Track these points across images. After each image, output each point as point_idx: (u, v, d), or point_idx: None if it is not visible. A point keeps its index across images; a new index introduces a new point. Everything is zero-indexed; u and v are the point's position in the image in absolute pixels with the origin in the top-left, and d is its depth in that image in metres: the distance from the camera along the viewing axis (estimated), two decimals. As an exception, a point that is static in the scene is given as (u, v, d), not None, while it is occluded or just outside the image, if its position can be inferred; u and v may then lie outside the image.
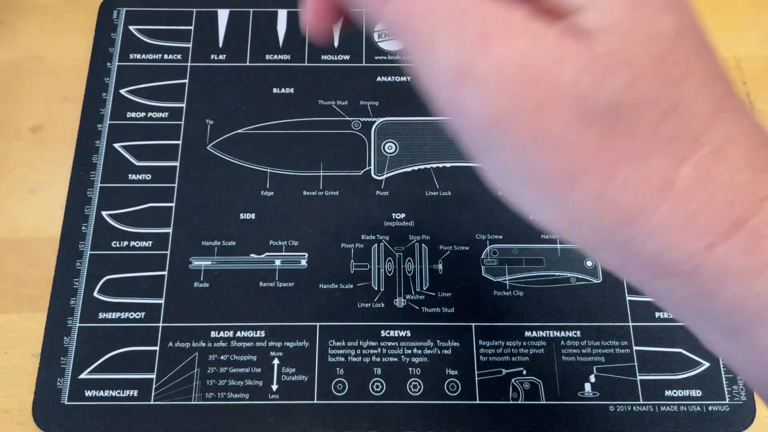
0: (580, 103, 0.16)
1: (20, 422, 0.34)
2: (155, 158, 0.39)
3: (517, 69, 0.16)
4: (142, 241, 0.37)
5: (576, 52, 0.16)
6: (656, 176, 0.17)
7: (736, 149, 0.17)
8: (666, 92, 0.16)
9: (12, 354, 0.35)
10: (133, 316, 0.36)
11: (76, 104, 0.41)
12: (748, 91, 0.42)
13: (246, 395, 0.34)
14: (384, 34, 0.43)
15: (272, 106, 0.41)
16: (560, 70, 0.16)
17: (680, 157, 0.17)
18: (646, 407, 0.34)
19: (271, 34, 0.43)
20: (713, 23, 0.44)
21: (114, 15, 0.43)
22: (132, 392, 0.34)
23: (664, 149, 0.17)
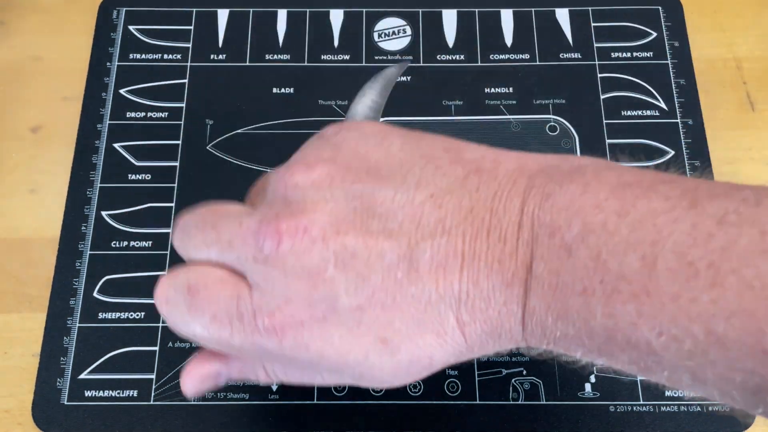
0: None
1: (20, 422, 0.34)
2: (155, 158, 0.39)
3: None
4: (142, 241, 0.37)
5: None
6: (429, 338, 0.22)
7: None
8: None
9: (12, 354, 0.35)
10: (133, 316, 0.36)
11: (76, 104, 0.41)
12: (748, 91, 0.42)
13: (246, 395, 0.34)
14: (384, 34, 0.43)
15: (272, 106, 0.41)
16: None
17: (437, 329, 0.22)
18: (647, 407, 0.34)
19: (271, 34, 0.43)
20: (713, 23, 0.44)
21: (114, 15, 0.43)
22: (132, 392, 0.34)
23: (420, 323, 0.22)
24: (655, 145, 0.40)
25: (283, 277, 0.22)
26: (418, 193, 0.22)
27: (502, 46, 0.42)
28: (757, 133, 0.41)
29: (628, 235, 0.19)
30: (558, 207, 0.21)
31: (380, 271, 0.21)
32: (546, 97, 0.41)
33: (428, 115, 0.41)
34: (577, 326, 0.20)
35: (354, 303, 0.21)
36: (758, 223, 0.18)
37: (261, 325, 0.22)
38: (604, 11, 0.43)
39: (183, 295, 0.23)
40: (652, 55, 0.42)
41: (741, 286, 0.18)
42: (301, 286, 0.22)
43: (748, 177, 0.39)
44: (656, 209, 0.20)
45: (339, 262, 0.21)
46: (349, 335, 0.22)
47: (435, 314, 0.22)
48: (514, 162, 0.23)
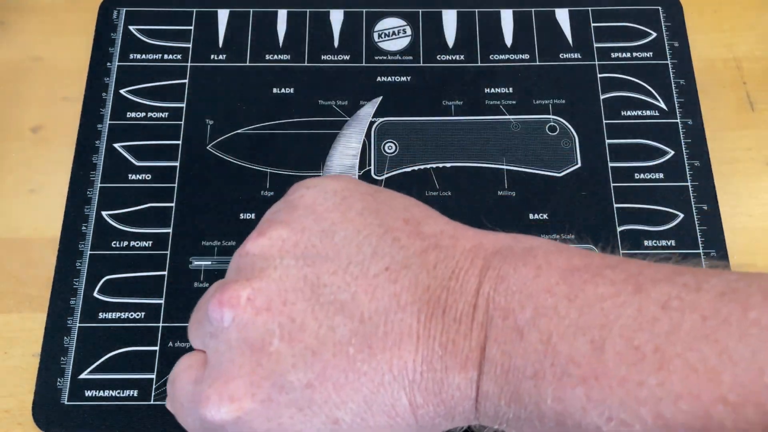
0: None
1: (20, 422, 0.34)
2: (155, 158, 0.39)
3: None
4: (142, 241, 0.37)
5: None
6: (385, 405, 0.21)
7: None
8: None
9: (12, 354, 0.35)
10: (133, 316, 0.36)
11: (76, 104, 0.41)
12: (747, 91, 0.42)
13: (246, 395, 0.34)
14: (384, 34, 0.43)
15: (272, 106, 0.41)
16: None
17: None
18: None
19: (271, 34, 0.43)
20: (713, 23, 0.44)
21: (114, 15, 0.43)
22: (132, 392, 0.34)
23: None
24: (654, 145, 0.40)
25: (228, 351, 0.21)
26: (373, 264, 0.22)
27: (502, 46, 0.42)
28: (757, 133, 0.41)
29: (578, 318, 0.20)
30: (512, 290, 0.21)
31: (331, 346, 0.21)
32: (546, 97, 0.41)
33: (428, 115, 0.41)
34: (529, 409, 0.20)
35: (304, 380, 0.20)
36: (699, 308, 0.19)
37: (205, 397, 0.21)
38: (604, 11, 0.43)
39: (169, 384, 0.24)
40: (652, 55, 0.42)
41: (686, 370, 0.18)
42: (245, 362, 0.21)
43: (748, 177, 0.39)
44: (603, 294, 0.20)
45: (285, 335, 0.20)
46: (299, 415, 0.21)
47: (388, 395, 0.21)
48: (471, 240, 0.23)
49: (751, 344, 0.18)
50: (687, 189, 0.39)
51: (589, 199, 0.38)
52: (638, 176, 0.39)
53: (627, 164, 0.39)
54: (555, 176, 0.39)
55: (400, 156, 0.40)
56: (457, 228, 0.24)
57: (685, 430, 0.18)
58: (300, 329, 0.20)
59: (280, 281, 0.21)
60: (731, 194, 0.39)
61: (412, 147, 0.40)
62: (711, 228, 0.37)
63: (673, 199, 0.38)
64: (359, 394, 0.21)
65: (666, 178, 0.39)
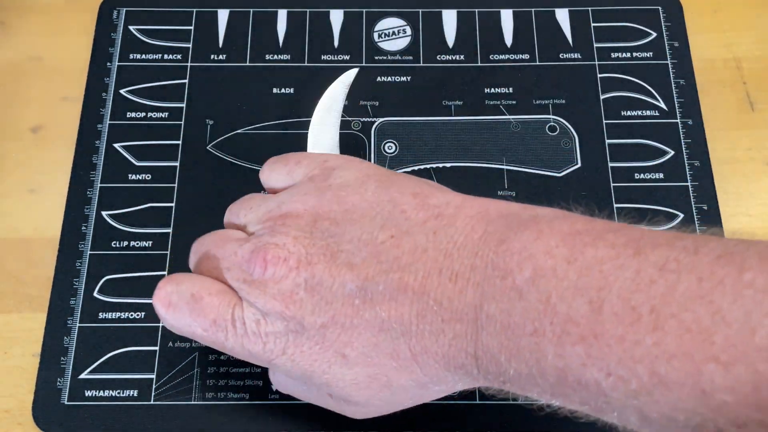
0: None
1: (20, 422, 0.34)
2: (155, 158, 0.39)
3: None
4: (142, 241, 0.37)
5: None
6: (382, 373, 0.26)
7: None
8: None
9: (12, 354, 0.35)
10: (133, 316, 0.36)
11: (76, 104, 0.41)
12: (747, 91, 0.42)
13: (246, 395, 0.34)
14: (384, 34, 0.43)
15: (272, 106, 0.41)
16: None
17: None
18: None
19: (271, 34, 0.43)
20: (713, 23, 0.44)
21: (114, 15, 0.43)
22: (132, 392, 0.34)
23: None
24: (654, 145, 0.40)
25: (263, 296, 0.26)
26: (381, 233, 0.25)
27: (502, 46, 0.42)
28: (757, 133, 0.41)
29: (577, 280, 0.21)
30: (511, 251, 0.23)
31: (341, 298, 0.25)
32: (546, 97, 0.41)
33: (428, 115, 0.41)
34: (530, 365, 0.22)
35: (318, 322, 0.25)
36: (696, 270, 0.20)
37: (250, 331, 0.26)
38: (604, 11, 0.43)
39: (186, 301, 0.27)
40: (652, 56, 0.42)
41: (680, 330, 0.19)
42: (277, 305, 0.25)
43: (748, 177, 0.40)
44: (602, 257, 0.21)
45: (308, 288, 0.25)
46: (315, 347, 0.25)
47: (388, 339, 0.25)
48: (476, 208, 0.25)
49: (744, 305, 0.18)
50: (687, 189, 0.39)
51: (589, 199, 0.38)
52: (638, 176, 0.39)
53: (627, 164, 0.39)
54: (555, 176, 0.39)
55: (400, 156, 0.40)
56: (465, 199, 0.26)
57: (678, 387, 0.19)
58: (319, 284, 0.25)
59: (308, 247, 0.26)
60: (731, 194, 0.39)
61: (412, 147, 0.40)
62: (711, 228, 0.37)
63: (673, 199, 0.38)
64: (363, 336, 0.25)
65: (666, 178, 0.39)
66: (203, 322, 0.27)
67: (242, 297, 0.27)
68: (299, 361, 0.26)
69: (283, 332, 0.26)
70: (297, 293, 0.25)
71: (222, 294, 0.27)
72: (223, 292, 0.27)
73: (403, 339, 0.24)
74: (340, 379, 0.26)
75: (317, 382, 0.26)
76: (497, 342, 0.22)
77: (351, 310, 0.25)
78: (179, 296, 0.27)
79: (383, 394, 0.26)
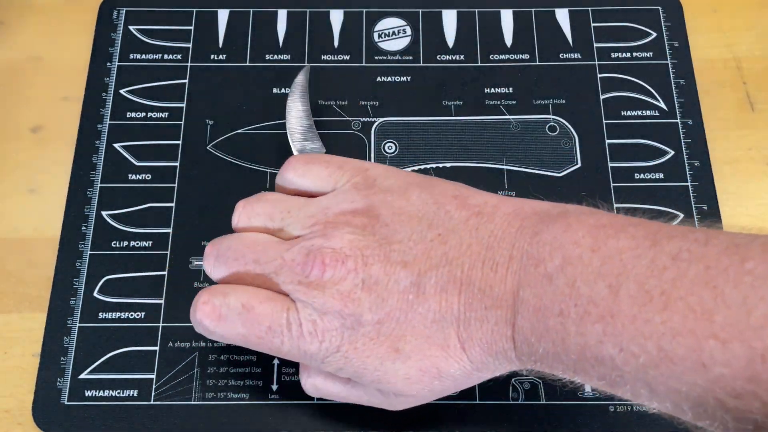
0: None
1: (20, 422, 0.34)
2: (155, 158, 0.39)
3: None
4: (142, 241, 0.37)
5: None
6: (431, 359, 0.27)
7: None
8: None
9: (12, 354, 0.35)
10: (133, 316, 0.36)
11: (76, 104, 0.41)
12: (747, 91, 0.42)
13: (246, 395, 0.34)
14: (384, 34, 0.43)
15: (272, 106, 0.41)
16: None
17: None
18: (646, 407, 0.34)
19: (271, 34, 0.43)
20: (713, 23, 0.44)
21: (114, 15, 0.43)
22: (132, 392, 0.34)
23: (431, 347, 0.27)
24: (654, 145, 0.40)
25: (322, 296, 0.27)
26: (429, 232, 0.27)
27: (502, 46, 0.42)
28: (757, 133, 0.41)
29: (599, 267, 0.24)
30: (543, 242, 0.25)
31: (396, 294, 0.27)
32: (546, 97, 0.41)
33: (428, 115, 0.41)
34: (556, 343, 0.24)
35: (375, 318, 0.27)
36: (704, 259, 0.22)
37: (306, 331, 0.27)
38: (604, 11, 0.43)
39: (238, 312, 0.28)
40: (652, 56, 0.42)
41: (686, 310, 0.21)
42: (336, 304, 0.27)
43: (747, 177, 0.39)
44: (623, 247, 0.24)
45: (365, 287, 0.27)
46: (370, 343, 0.27)
47: (439, 331, 0.26)
48: (512, 206, 0.28)
49: (743, 290, 0.21)
50: (687, 189, 0.39)
51: (589, 199, 0.38)
52: (638, 176, 0.39)
53: (627, 164, 0.39)
54: (555, 176, 0.39)
55: (400, 156, 0.40)
56: (501, 198, 0.29)
57: (682, 362, 0.21)
58: (376, 282, 0.27)
59: (363, 249, 0.27)
60: (731, 194, 0.39)
61: (412, 147, 0.40)
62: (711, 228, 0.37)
63: (673, 199, 0.38)
64: (416, 329, 0.26)
65: (666, 178, 0.39)
66: (258, 330, 0.28)
67: (296, 299, 0.28)
68: (353, 357, 0.27)
69: (339, 330, 0.27)
70: (355, 292, 0.27)
71: (272, 300, 0.28)
72: (273, 299, 0.28)
73: (453, 328, 0.26)
74: (393, 375, 0.27)
75: (369, 379, 0.28)
76: (529, 324, 0.25)
77: (405, 305, 0.26)
78: (229, 309, 0.28)
79: (433, 385, 0.27)
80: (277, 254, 0.28)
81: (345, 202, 0.29)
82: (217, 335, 0.29)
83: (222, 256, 0.30)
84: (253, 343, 0.28)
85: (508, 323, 0.25)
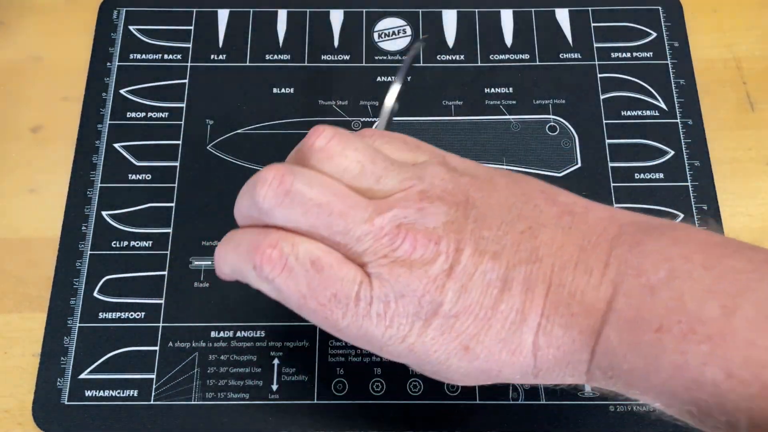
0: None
1: (20, 422, 0.34)
2: (155, 158, 0.39)
3: None
4: (142, 241, 0.37)
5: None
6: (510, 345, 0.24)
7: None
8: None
9: (12, 354, 0.35)
10: (133, 316, 0.36)
11: (76, 104, 0.41)
12: (747, 91, 0.42)
13: (246, 395, 0.34)
14: (384, 34, 0.43)
15: (272, 106, 0.41)
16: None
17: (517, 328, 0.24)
18: (647, 407, 0.34)
19: (271, 34, 0.43)
20: (713, 23, 0.44)
21: (114, 15, 0.43)
22: (132, 392, 0.34)
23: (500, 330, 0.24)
24: (654, 145, 0.40)
25: (407, 275, 0.24)
26: (519, 223, 0.25)
27: (502, 46, 0.42)
28: (757, 133, 0.41)
29: (711, 284, 0.22)
30: (646, 253, 0.23)
31: (480, 287, 0.24)
32: (546, 97, 0.41)
33: (428, 115, 0.41)
34: (648, 359, 0.22)
35: (453, 310, 0.24)
36: None
37: (375, 312, 0.24)
38: (604, 11, 0.43)
39: (306, 268, 0.24)
40: (652, 55, 0.42)
41: None
42: (419, 287, 0.24)
43: (747, 177, 0.39)
44: (741, 268, 0.22)
45: (451, 273, 0.24)
46: (440, 337, 0.24)
47: (516, 334, 0.24)
48: (605, 212, 0.26)
49: None
50: (687, 189, 0.39)
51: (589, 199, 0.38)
52: (638, 176, 0.39)
53: (627, 164, 0.39)
54: (555, 176, 0.39)
55: (400, 156, 0.39)
56: (588, 201, 0.27)
57: None
58: (462, 271, 0.24)
59: (457, 233, 0.24)
60: (731, 194, 0.39)
61: (412, 147, 0.40)
62: (711, 228, 0.37)
63: (673, 199, 0.38)
64: (492, 330, 0.24)
65: (666, 178, 0.39)
66: (321, 295, 0.24)
67: (374, 273, 0.24)
68: (418, 349, 0.25)
69: (410, 318, 0.24)
70: (441, 278, 0.24)
71: (345, 266, 0.24)
72: (347, 264, 0.24)
73: (531, 333, 0.24)
74: (454, 371, 0.25)
75: (426, 369, 0.26)
76: (618, 336, 0.23)
77: (488, 301, 0.24)
78: (297, 260, 0.24)
79: (486, 382, 0.26)
80: (366, 216, 0.24)
81: (436, 178, 0.26)
82: (273, 286, 0.25)
83: (299, 195, 0.25)
84: (309, 308, 0.25)
85: (593, 333, 0.23)
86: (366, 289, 0.24)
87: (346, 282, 0.24)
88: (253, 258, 0.24)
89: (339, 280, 0.24)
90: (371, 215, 0.24)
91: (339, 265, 0.24)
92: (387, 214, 0.24)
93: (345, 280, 0.24)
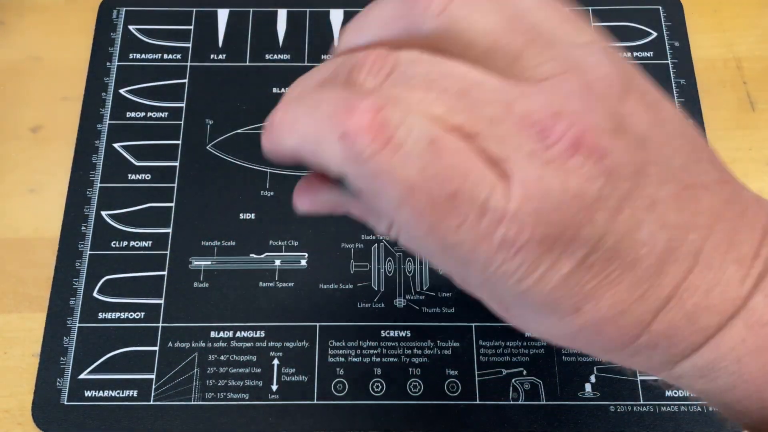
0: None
1: (20, 422, 0.34)
2: (155, 158, 0.39)
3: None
4: (142, 241, 0.37)
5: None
6: (649, 300, 0.19)
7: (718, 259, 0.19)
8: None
9: (12, 354, 0.35)
10: (133, 316, 0.36)
11: (76, 104, 0.41)
12: (748, 90, 0.42)
13: (246, 395, 0.34)
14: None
15: (272, 106, 0.40)
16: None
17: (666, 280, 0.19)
18: (647, 407, 0.34)
19: (271, 34, 0.43)
20: (713, 23, 0.44)
21: (114, 15, 0.43)
22: (132, 392, 0.34)
23: (651, 278, 0.18)
24: (655, 145, 0.40)
25: (561, 191, 0.17)
26: (684, 176, 0.19)
27: (502, 46, 0.42)
28: (757, 133, 0.41)
29: None
30: None
31: (627, 243, 0.19)
32: (546, 97, 0.41)
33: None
34: (766, 369, 0.19)
35: (591, 258, 0.18)
36: None
37: (499, 235, 0.17)
38: (604, 11, 0.43)
39: (421, 147, 0.17)
40: (652, 55, 0.42)
41: None
42: (568, 207, 0.17)
43: (748, 177, 0.39)
44: None
45: (604, 205, 0.18)
46: (562, 288, 0.18)
47: (639, 309, 0.19)
48: (752, 193, 0.21)
49: None
50: (687, 189, 0.39)
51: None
52: (638, 176, 0.39)
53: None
54: (555, 176, 0.39)
55: (400, 156, 0.39)
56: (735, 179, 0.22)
57: None
58: (616, 207, 0.18)
59: (622, 155, 0.18)
60: (731, 194, 0.39)
61: (412, 147, 0.40)
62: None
63: (674, 199, 0.38)
64: (620, 294, 0.19)
65: (666, 178, 0.39)
66: (439, 189, 0.17)
67: (514, 173, 0.17)
68: (530, 295, 0.19)
69: (542, 251, 0.18)
70: (592, 206, 0.17)
71: (475, 157, 0.17)
72: (476, 156, 0.17)
73: (657, 312, 0.19)
74: (555, 330, 0.20)
75: (532, 329, 0.21)
76: (741, 335, 0.19)
77: (633, 255, 0.18)
78: (410, 135, 0.17)
79: (579, 346, 0.21)
80: (502, 96, 0.18)
81: (601, 67, 0.19)
82: (360, 170, 0.18)
83: (417, 64, 0.18)
84: (414, 207, 0.18)
85: (715, 328, 0.19)
86: (498, 198, 0.17)
87: (476, 181, 0.17)
88: (343, 123, 0.17)
89: (467, 174, 0.17)
90: (511, 96, 0.18)
91: (467, 152, 0.17)
92: (536, 97, 0.18)
93: (475, 177, 0.17)
